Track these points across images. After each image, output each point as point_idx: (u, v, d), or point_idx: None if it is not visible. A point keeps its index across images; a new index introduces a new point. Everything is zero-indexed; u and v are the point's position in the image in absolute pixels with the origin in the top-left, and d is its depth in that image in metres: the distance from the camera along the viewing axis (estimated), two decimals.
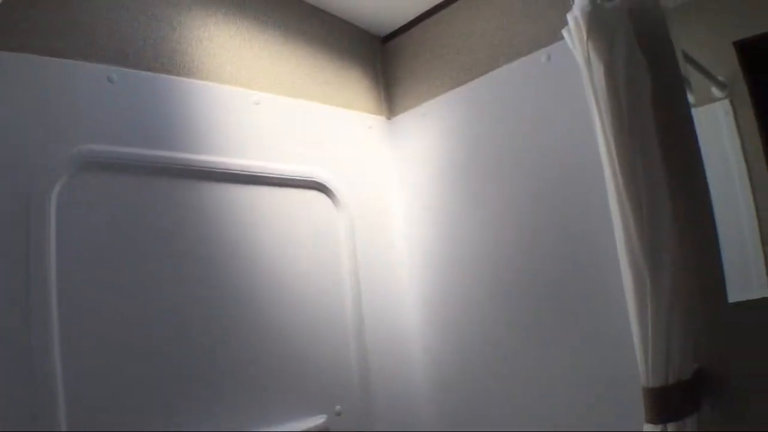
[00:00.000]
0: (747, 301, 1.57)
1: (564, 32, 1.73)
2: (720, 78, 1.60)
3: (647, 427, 1.56)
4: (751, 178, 1.53)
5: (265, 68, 2.16)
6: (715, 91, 1.60)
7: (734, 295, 1.57)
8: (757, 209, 1.52)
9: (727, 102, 1.58)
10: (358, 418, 2.09)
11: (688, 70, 1.65)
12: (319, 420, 1.98)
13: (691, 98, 1.64)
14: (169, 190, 1.83)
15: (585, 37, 1.62)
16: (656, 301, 1.53)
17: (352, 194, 2.29)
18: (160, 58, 1.89)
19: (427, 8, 2.44)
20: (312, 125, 2.24)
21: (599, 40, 1.61)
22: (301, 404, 1.97)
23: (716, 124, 1.61)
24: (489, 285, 2.14)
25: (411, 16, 2.50)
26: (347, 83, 2.44)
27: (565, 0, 1.75)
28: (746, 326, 1.61)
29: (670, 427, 1.53)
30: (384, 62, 2.62)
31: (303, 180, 2.15)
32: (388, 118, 2.56)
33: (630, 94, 1.59)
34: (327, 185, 2.20)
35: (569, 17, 1.68)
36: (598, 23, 1.62)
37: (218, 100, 1.99)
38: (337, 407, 2.04)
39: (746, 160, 1.54)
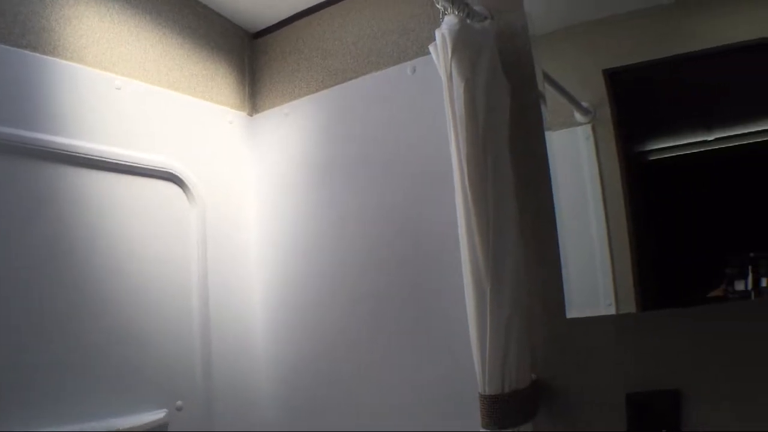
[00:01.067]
0: (584, 318, 1.65)
1: (431, 47, 1.77)
2: (584, 104, 1.67)
3: None
4: (605, 201, 1.61)
5: (131, 53, 2.10)
6: (578, 116, 1.68)
7: (582, 311, 1.65)
8: (609, 230, 1.60)
9: (588, 127, 1.66)
10: (199, 413, 2.06)
11: (553, 95, 1.73)
12: (159, 414, 1.94)
13: (547, 121, 1.71)
14: (22, 170, 1.75)
15: (450, 54, 1.67)
16: (495, 313, 1.58)
17: (207, 188, 2.25)
18: (27, 34, 1.81)
19: (301, 9, 2.44)
20: (173, 115, 2.19)
21: (463, 58, 1.66)
22: (141, 399, 1.92)
23: (576, 148, 1.68)
24: (338, 288, 2.17)
25: (284, 15, 2.49)
26: (213, 76, 2.40)
27: (436, 16, 1.79)
28: (582, 342, 1.70)
29: None
30: (252, 58, 2.60)
31: (158, 170, 2.09)
32: (250, 115, 2.54)
33: (487, 114, 1.65)
34: (182, 177, 2.16)
35: (437, 33, 1.72)
36: (464, 42, 1.67)
37: (80, 82, 1.92)
38: (178, 402, 2.01)
39: (602, 184, 1.62)
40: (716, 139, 1.49)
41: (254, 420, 2.25)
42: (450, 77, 1.67)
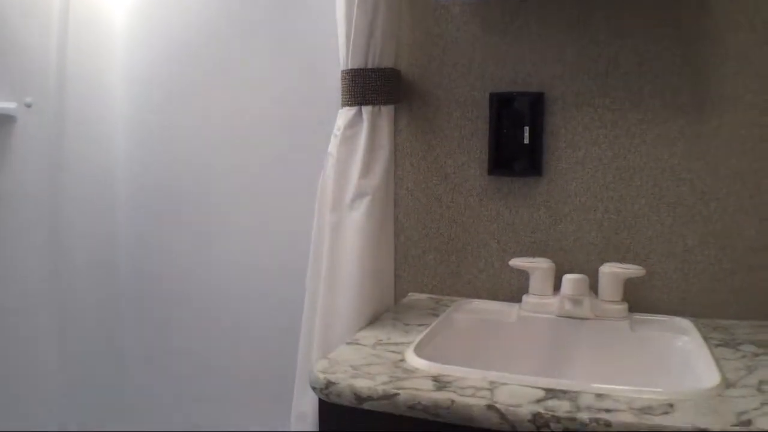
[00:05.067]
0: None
1: None
2: None
3: (343, 110, 1.60)
4: None
5: None
6: None
7: None
8: None
9: None
10: (49, 112, 1.95)
11: None
12: (7, 104, 1.83)
13: None
14: None
15: None
16: None
17: None
18: None
19: None
20: None
21: None
22: None
23: None
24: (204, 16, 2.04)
25: None
26: None
27: None
28: (449, 33, 1.66)
29: (365, 111, 1.57)
30: None
31: None
32: None
33: None
34: None
35: None
36: None
37: None
38: (28, 99, 1.89)
39: None
40: None
41: (105, 128, 2.16)
42: None
